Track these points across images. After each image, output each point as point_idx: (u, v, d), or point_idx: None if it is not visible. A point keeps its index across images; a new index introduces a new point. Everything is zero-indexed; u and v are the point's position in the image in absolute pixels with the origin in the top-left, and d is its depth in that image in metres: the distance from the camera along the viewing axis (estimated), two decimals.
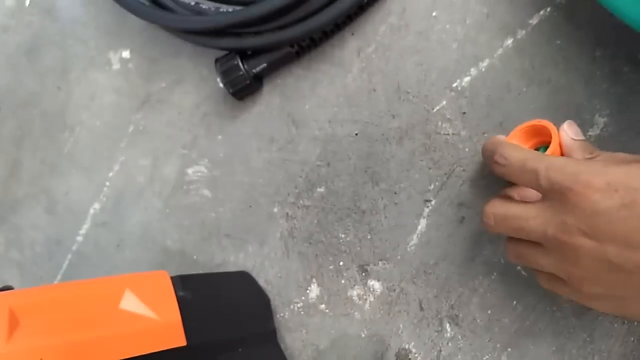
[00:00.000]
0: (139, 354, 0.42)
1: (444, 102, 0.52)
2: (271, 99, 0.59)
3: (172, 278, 0.48)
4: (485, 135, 0.50)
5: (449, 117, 0.51)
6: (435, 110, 0.52)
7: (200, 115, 0.62)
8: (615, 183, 0.32)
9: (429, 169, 0.52)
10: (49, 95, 0.70)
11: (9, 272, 0.71)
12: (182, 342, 0.45)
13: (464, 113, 0.51)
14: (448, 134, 0.51)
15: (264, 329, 0.55)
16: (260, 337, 0.54)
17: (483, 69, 0.51)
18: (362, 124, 0.55)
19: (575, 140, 0.42)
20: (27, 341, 0.36)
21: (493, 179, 0.50)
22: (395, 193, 0.53)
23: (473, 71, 0.51)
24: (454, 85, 0.52)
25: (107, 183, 0.66)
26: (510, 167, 0.39)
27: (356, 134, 0.55)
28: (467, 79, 0.51)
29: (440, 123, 0.52)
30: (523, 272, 0.49)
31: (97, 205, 0.66)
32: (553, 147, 0.42)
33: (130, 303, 0.43)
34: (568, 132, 0.42)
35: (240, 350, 0.50)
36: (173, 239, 0.62)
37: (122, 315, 0.42)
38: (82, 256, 0.66)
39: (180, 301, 0.46)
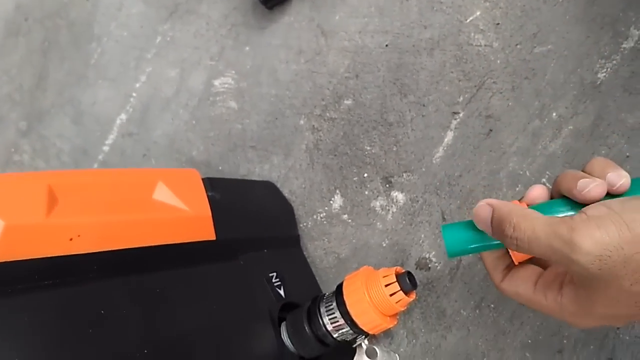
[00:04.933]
0: (171, 242, 0.43)
1: (478, 13, 0.51)
2: (301, 9, 0.58)
3: (202, 179, 0.49)
4: (518, 46, 0.50)
5: (482, 28, 0.51)
6: (468, 21, 0.51)
7: (228, 26, 0.62)
8: None
9: (459, 80, 0.52)
10: (76, 6, 0.69)
11: None
12: (211, 236, 0.46)
13: (498, 24, 0.50)
14: (480, 46, 0.51)
15: (288, 235, 0.56)
16: (284, 242, 0.55)
17: None
18: (392, 35, 0.54)
19: None
20: (65, 217, 0.37)
21: (524, 91, 0.49)
22: (424, 105, 0.53)
23: None
24: None
25: (134, 94, 0.66)
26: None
27: (386, 45, 0.54)
28: None
29: (472, 34, 0.51)
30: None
31: (123, 116, 0.67)
32: None
33: (163, 194, 0.44)
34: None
35: (265, 251, 0.51)
36: (199, 150, 0.63)
37: (156, 205, 0.43)
38: (108, 166, 0.67)
39: (210, 200, 0.47)
